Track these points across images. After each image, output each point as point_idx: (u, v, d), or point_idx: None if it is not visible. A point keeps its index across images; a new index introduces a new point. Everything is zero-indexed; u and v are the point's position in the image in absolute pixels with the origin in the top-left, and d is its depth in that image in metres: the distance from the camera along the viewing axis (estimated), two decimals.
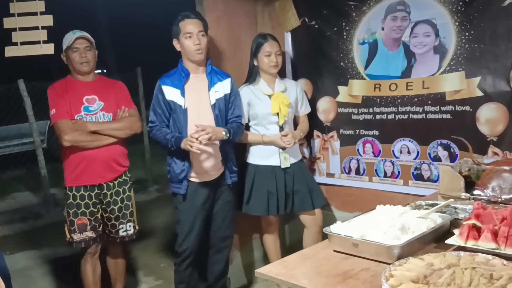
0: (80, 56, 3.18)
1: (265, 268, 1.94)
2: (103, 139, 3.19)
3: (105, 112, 3.25)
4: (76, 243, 3.25)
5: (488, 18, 2.80)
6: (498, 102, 2.82)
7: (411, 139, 3.24)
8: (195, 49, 3.07)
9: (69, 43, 3.16)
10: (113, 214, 3.31)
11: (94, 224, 3.26)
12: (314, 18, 3.64)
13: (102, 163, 3.22)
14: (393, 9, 3.20)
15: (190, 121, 3.06)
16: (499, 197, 2.27)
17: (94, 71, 3.32)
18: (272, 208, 3.37)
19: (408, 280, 1.48)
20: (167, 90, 3.07)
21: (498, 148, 2.84)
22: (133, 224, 3.41)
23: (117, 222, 3.33)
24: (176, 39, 3.14)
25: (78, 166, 3.19)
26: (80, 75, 3.25)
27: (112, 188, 3.29)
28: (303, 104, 3.55)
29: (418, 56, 3.12)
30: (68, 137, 3.09)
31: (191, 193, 3.13)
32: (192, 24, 3.09)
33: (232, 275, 3.69)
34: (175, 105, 3.07)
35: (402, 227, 1.90)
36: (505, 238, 1.77)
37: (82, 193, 3.21)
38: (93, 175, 3.21)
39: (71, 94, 3.19)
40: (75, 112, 3.17)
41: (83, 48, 3.19)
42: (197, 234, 3.17)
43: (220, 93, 3.16)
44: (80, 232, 3.22)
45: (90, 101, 3.23)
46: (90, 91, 3.24)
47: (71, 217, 3.22)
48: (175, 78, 3.12)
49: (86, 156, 3.17)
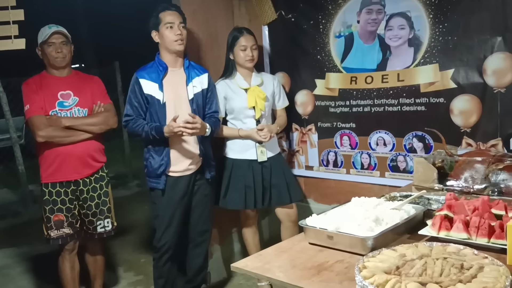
0: (56, 51, 3.14)
1: (241, 262, 1.94)
2: (78, 134, 3.16)
3: (80, 108, 3.21)
4: (53, 239, 3.21)
5: (461, 10, 2.83)
6: (471, 94, 2.86)
7: (387, 131, 3.27)
8: (176, 39, 3.04)
9: (44, 37, 3.12)
10: (90, 210, 3.28)
11: (71, 221, 3.23)
12: (290, 11, 3.65)
13: (77, 159, 3.19)
14: (368, 2, 3.21)
15: (169, 115, 3.04)
16: (471, 188, 2.32)
17: (70, 66, 3.28)
18: (249, 202, 3.38)
19: (381, 271, 1.50)
20: (145, 83, 3.04)
21: (471, 139, 2.88)
22: (111, 220, 3.38)
23: (94, 218, 3.31)
24: (155, 31, 3.10)
25: (53, 162, 3.15)
26: (55, 70, 3.21)
27: (88, 184, 3.26)
28: (281, 97, 3.56)
29: (393, 49, 3.14)
30: (42, 132, 3.05)
31: (169, 188, 3.11)
32: (173, 15, 3.07)
33: (212, 269, 3.69)
34: (152, 99, 3.05)
35: (376, 218, 1.92)
36: (476, 228, 1.80)
37: (58, 189, 3.18)
38: (69, 171, 3.18)
39: (45, 89, 3.15)
40: (50, 108, 3.13)
41: (59, 42, 3.15)
42: (175, 228, 3.16)
43: (198, 88, 3.15)
44: (57, 228, 3.19)
45: (65, 97, 3.19)
46: (65, 86, 3.20)
47: (47, 213, 3.19)
48: (152, 71, 3.09)
49: (61, 152, 3.14)
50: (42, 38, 3.13)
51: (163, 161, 3.07)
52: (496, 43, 2.73)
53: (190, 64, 3.19)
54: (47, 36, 3.12)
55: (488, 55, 2.77)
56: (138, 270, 4.21)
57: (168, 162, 3.07)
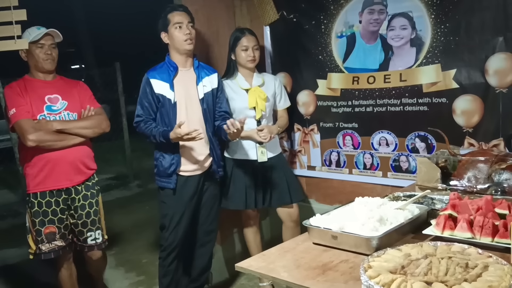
0: (45, 53, 3.02)
1: (245, 262, 1.94)
2: (70, 138, 3.02)
3: (69, 112, 3.09)
4: (45, 253, 3.03)
5: (463, 11, 2.83)
6: (473, 94, 2.86)
7: (389, 131, 3.28)
8: (186, 38, 3.04)
9: (34, 38, 2.97)
10: (80, 219, 3.12)
11: (63, 232, 3.08)
12: (292, 11, 3.65)
13: (69, 165, 3.04)
14: (370, 2, 3.22)
15: (180, 115, 3.05)
16: (474, 187, 2.32)
17: (55, 70, 3.14)
18: (250, 202, 3.38)
19: (386, 270, 1.50)
20: (156, 83, 3.04)
21: (473, 139, 2.88)
22: (102, 232, 3.23)
23: (85, 229, 3.15)
24: (164, 32, 3.10)
25: (42, 169, 2.99)
26: (40, 73, 3.08)
27: (80, 192, 3.12)
28: (282, 98, 3.55)
29: (395, 49, 3.15)
30: (32, 136, 2.87)
31: (180, 187, 3.11)
32: (181, 15, 3.08)
33: (214, 269, 3.68)
34: (164, 99, 3.04)
35: (380, 218, 1.92)
36: (480, 228, 1.81)
37: (49, 199, 3.02)
38: (59, 178, 3.02)
39: (31, 93, 3.00)
40: (37, 112, 2.98)
41: (49, 45, 3.03)
42: (184, 228, 3.16)
43: (208, 87, 3.16)
44: (48, 241, 3.01)
45: (53, 100, 3.06)
46: (51, 90, 3.07)
47: (37, 226, 3.01)
48: (163, 71, 3.08)
49: (51, 158, 2.98)
50: (31, 38, 2.95)
51: (173, 161, 3.07)
52: (498, 43, 2.73)
53: (199, 64, 3.19)
54: (38, 37, 2.98)
55: (490, 55, 2.77)
56: (140, 270, 4.21)
57: (178, 162, 3.08)
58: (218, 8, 3.80)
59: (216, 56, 3.70)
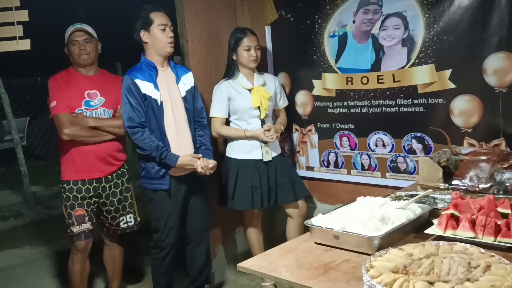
0: (79, 49, 3.15)
1: (247, 262, 1.94)
2: (102, 135, 3.16)
3: (105, 108, 3.22)
4: (76, 235, 3.18)
5: (457, 10, 2.81)
6: (472, 94, 2.83)
7: (386, 132, 3.26)
8: (169, 41, 3.07)
9: (67, 36, 3.15)
10: (113, 206, 3.29)
11: (90, 215, 3.22)
12: (290, 11, 3.64)
13: (99, 158, 3.20)
14: (366, 2, 3.19)
15: (166, 115, 3.06)
16: (476, 187, 2.31)
17: (96, 64, 3.28)
18: (257, 202, 3.38)
19: (388, 270, 1.50)
20: (141, 83, 3.01)
21: (473, 139, 2.86)
22: (134, 215, 3.40)
23: (117, 214, 3.32)
24: (144, 31, 3.07)
25: (76, 160, 3.16)
26: (82, 68, 3.22)
27: (110, 181, 3.27)
28: (282, 97, 3.57)
29: (386, 48, 3.13)
30: (67, 130, 3.06)
31: (173, 188, 3.12)
32: (165, 17, 3.09)
33: (216, 269, 3.69)
34: (150, 99, 3.03)
35: (382, 218, 1.92)
36: (483, 227, 1.80)
37: (80, 186, 3.18)
38: (90, 170, 3.18)
39: (72, 87, 3.15)
40: (76, 106, 3.13)
41: (82, 40, 3.16)
42: (178, 228, 3.19)
43: (187, 85, 3.20)
44: (78, 224, 3.17)
45: (92, 96, 3.20)
46: (91, 86, 3.21)
47: (68, 209, 3.18)
48: (144, 72, 3.06)
49: (84, 151, 3.15)
50: (66, 37, 3.16)
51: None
52: (496, 43, 2.71)
53: (174, 64, 3.23)
54: (69, 34, 3.15)
55: (487, 55, 2.74)
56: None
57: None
58: (219, 8, 3.80)
59: (217, 56, 3.70)
